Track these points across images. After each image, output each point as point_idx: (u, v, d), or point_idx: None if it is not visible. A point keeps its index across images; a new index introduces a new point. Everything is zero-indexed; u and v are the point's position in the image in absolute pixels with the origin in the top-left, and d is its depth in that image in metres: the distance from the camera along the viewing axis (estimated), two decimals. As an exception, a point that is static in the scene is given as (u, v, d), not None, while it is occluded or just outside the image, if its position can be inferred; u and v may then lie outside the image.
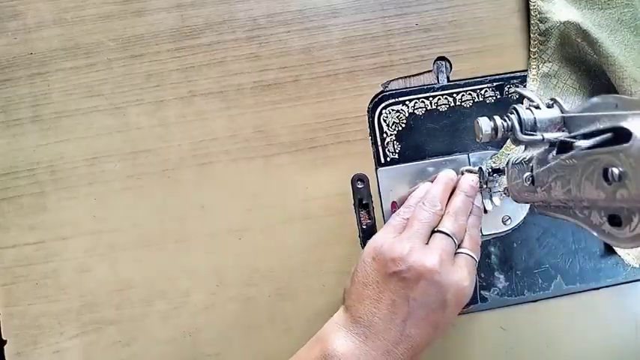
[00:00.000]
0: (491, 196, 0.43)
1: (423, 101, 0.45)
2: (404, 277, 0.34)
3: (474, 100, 0.45)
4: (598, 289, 0.44)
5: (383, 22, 0.46)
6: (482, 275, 0.45)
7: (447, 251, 0.35)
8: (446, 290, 0.34)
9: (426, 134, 0.45)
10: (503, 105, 0.45)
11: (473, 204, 0.40)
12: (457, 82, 0.45)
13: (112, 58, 0.45)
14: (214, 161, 0.44)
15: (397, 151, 0.45)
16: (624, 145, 0.22)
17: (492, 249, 0.45)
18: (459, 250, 0.37)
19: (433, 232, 0.37)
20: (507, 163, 0.36)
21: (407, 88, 0.45)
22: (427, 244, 0.36)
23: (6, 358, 0.42)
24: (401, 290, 0.34)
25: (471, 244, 0.38)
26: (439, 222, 0.38)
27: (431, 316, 0.34)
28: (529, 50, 0.45)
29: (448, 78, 0.46)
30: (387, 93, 0.45)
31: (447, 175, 0.41)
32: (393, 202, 0.44)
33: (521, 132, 0.33)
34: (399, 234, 0.37)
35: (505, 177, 0.37)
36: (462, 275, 0.35)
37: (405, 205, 0.40)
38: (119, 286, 0.43)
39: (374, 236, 0.38)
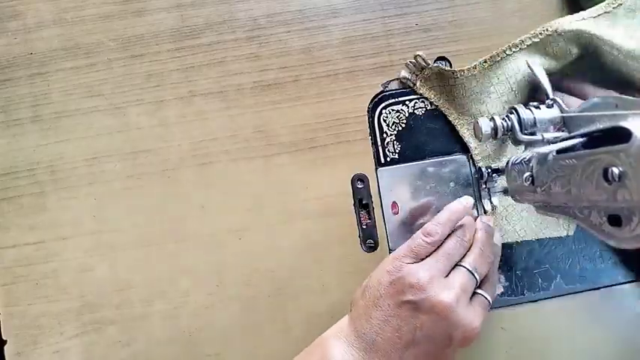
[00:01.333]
0: (490, 196, 0.43)
1: (423, 101, 0.45)
2: (417, 307, 0.34)
3: (473, 100, 0.45)
4: (598, 289, 0.44)
5: (383, 22, 0.46)
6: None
7: (465, 289, 0.35)
8: (455, 328, 0.33)
9: (426, 134, 0.45)
10: (503, 105, 0.45)
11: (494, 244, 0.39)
12: (457, 82, 0.45)
13: (112, 58, 0.45)
14: (214, 161, 0.44)
15: (397, 151, 0.45)
16: (624, 145, 0.22)
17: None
18: (477, 290, 0.36)
19: (455, 264, 0.36)
20: (507, 163, 0.36)
21: (407, 88, 0.45)
22: (447, 276, 0.35)
23: (6, 358, 0.42)
24: (410, 319, 0.34)
25: (489, 287, 0.37)
26: (464, 255, 0.37)
27: (432, 350, 0.34)
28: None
29: (448, 78, 0.46)
30: (387, 93, 0.45)
31: (468, 200, 0.39)
32: (393, 202, 0.44)
33: (521, 132, 0.33)
34: (420, 259, 0.36)
35: (505, 177, 0.37)
36: (475, 317, 0.34)
37: (433, 223, 0.37)
38: (119, 286, 0.43)
39: (393, 255, 0.36)
